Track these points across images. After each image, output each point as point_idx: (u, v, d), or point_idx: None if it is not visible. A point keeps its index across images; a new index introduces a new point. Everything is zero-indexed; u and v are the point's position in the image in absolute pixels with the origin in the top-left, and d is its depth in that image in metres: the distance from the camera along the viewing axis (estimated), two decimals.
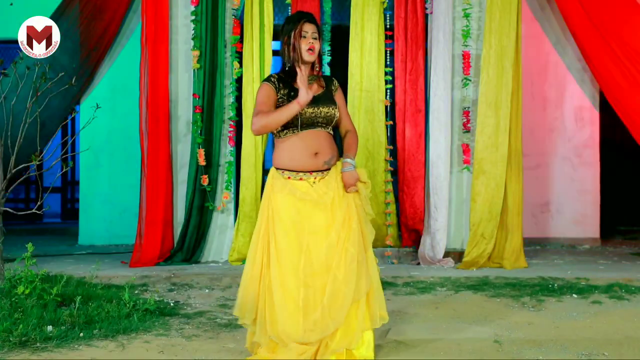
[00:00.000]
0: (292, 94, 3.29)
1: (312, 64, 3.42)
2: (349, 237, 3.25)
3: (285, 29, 3.37)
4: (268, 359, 3.26)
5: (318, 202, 3.26)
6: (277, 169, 3.35)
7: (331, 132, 3.41)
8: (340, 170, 3.34)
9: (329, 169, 3.34)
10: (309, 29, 3.34)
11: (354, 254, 3.24)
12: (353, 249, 3.24)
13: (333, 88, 3.47)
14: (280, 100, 3.32)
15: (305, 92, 3.18)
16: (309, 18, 3.39)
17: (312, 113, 3.29)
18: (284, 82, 3.35)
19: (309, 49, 3.32)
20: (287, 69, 3.37)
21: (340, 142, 3.51)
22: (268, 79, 3.37)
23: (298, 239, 3.23)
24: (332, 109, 3.36)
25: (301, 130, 3.30)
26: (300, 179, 3.30)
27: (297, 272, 3.20)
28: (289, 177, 3.31)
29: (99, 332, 3.83)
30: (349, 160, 3.35)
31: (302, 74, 3.19)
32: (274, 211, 3.28)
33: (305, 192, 3.28)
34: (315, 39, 3.35)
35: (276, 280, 3.20)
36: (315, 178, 3.31)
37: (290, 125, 3.29)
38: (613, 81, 6.36)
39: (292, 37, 3.33)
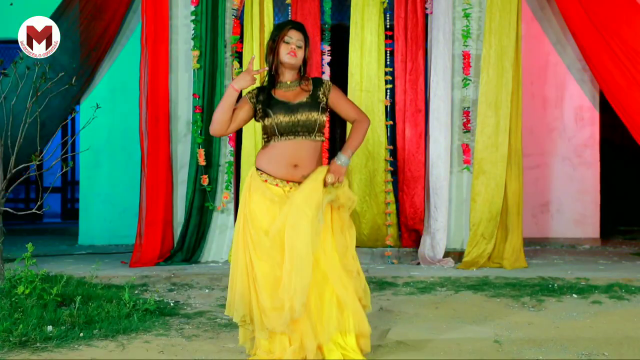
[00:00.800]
0: (270, 102, 3.28)
1: (299, 71, 3.37)
2: (302, 197, 3.19)
3: (272, 35, 3.36)
4: (266, 359, 3.27)
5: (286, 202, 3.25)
6: (257, 168, 3.34)
7: (317, 139, 3.31)
8: (317, 174, 3.26)
9: None
10: (294, 35, 3.30)
11: (305, 209, 3.16)
12: (304, 205, 3.17)
13: (322, 90, 3.37)
14: (258, 108, 3.30)
15: (243, 76, 3.23)
16: (297, 26, 3.35)
17: (288, 122, 3.25)
18: (262, 91, 3.32)
19: (290, 52, 3.28)
20: (272, 74, 3.34)
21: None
22: (248, 92, 3.37)
23: (268, 238, 3.22)
24: (313, 115, 3.28)
25: (281, 139, 3.26)
26: (277, 185, 3.29)
27: (266, 265, 3.20)
28: (265, 180, 3.30)
29: (99, 332, 3.83)
30: (342, 156, 3.29)
31: (251, 65, 3.27)
32: (250, 210, 3.28)
33: (278, 195, 3.27)
34: (300, 47, 3.31)
35: (257, 275, 3.22)
36: (290, 188, 3.29)
37: (271, 134, 3.28)
38: (613, 81, 6.36)
39: (274, 44, 3.31)
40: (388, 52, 6.44)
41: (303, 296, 3.15)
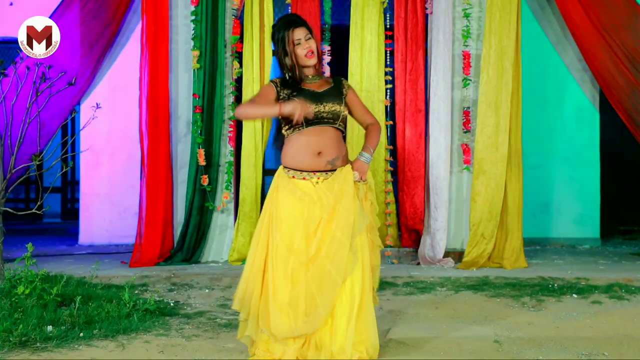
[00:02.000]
0: (295, 93, 3.30)
1: (314, 65, 3.40)
2: (339, 225, 3.23)
3: (277, 39, 3.34)
4: (265, 359, 3.27)
5: (316, 202, 3.26)
6: (284, 167, 3.36)
7: (340, 128, 3.38)
8: (344, 174, 3.31)
9: (333, 170, 3.32)
10: (300, 34, 3.31)
11: (342, 239, 3.22)
12: (340, 233, 3.22)
13: (343, 86, 3.45)
14: (282, 96, 3.31)
15: (295, 106, 3.13)
16: (296, 23, 3.34)
17: (315, 109, 3.28)
18: (286, 84, 3.34)
19: (308, 53, 3.31)
20: (288, 78, 3.36)
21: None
22: (272, 81, 3.40)
23: (292, 238, 3.24)
24: (338, 105, 3.34)
25: (307, 127, 3.29)
26: (304, 178, 3.30)
27: (286, 269, 3.21)
28: (293, 177, 3.32)
29: (99, 332, 3.84)
30: (364, 153, 3.37)
31: (302, 99, 3.20)
32: (276, 209, 3.29)
33: (306, 192, 3.28)
34: (310, 39, 3.33)
35: (272, 276, 3.22)
36: (318, 178, 3.30)
37: (297, 123, 3.28)
38: (613, 81, 6.37)
39: (286, 48, 3.30)
40: (388, 52, 6.43)
41: (321, 321, 3.18)
